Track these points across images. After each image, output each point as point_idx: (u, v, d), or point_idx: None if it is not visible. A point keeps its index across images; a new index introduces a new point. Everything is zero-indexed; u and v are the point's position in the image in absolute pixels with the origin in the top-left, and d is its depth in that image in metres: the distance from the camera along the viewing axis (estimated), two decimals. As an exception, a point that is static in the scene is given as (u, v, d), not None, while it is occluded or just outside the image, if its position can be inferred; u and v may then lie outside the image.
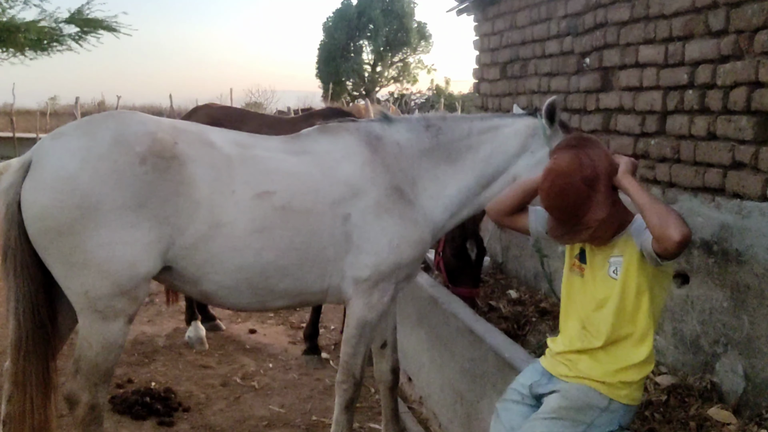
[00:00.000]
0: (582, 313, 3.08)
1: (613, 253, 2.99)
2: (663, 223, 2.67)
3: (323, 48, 48.88)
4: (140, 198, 3.30)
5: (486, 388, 4.14)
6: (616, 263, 2.97)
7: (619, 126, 5.05)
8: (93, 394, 3.49)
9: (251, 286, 3.65)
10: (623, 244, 2.97)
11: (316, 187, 3.70)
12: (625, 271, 2.94)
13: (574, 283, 3.19)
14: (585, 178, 2.91)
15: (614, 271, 2.97)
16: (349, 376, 3.96)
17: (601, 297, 3.02)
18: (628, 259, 2.93)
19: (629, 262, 2.93)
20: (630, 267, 2.93)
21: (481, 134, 4.08)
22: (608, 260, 3.00)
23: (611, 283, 2.98)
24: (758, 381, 3.72)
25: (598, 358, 2.99)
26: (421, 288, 5.47)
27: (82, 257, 3.28)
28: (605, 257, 3.02)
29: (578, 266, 3.15)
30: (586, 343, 3.02)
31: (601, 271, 3.03)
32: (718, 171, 4.06)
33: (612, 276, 2.98)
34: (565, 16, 5.82)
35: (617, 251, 2.98)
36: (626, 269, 2.93)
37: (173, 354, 6.52)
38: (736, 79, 3.90)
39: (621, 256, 2.95)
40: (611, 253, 3.01)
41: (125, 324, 3.48)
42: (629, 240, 2.95)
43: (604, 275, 3.01)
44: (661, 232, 2.67)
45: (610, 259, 2.99)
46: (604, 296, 3.01)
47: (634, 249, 2.92)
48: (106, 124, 3.45)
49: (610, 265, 2.99)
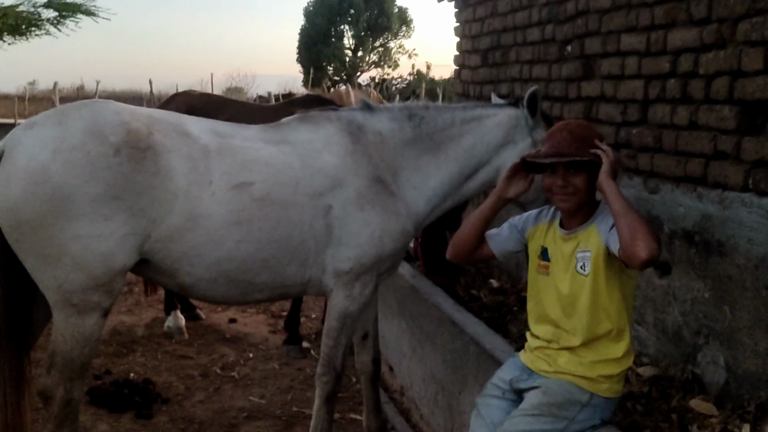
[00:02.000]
0: (553, 314, 3.05)
1: (579, 247, 2.96)
2: (632, 237, 2.63)
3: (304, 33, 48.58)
4: (114, 190, 3.23)
5: (467, 379, 4.11)
6: (584, 258, 2.94)
7: (601, 114, 5.02)
8: (68, 389, 3.42)
9: (230, 279, 3.59)
10: (588, 236, 2.95)
11: (296, 178, 3.64)
12: (594, 266, 2.91)
13: (539, 283, 3.16)
14: (599, 134, 3.03)
15: (582, 266, 2.94)
16: (330, 368, 3.91)
17: (569, 294, 2.99)
18: (596, 253, 2.91)
19: (597, 257, 2.91)
20: (598, 261, 2.90)
21: (463, 124, 4.04)
22: (575, 255, 2.97)
23: (580, 279, 2.95)
24: (739, 372, 3.71)
25: (577, 353, 2.97)
26: (402, 277, 5.44)
27: (55, 250, 3.21)
28: (571, 252, 2.99)
29: (542, 265, 3.12)
30: (564, 342, 3.00)
31: (568, 267, 3.00)
32: (699, 161, 4.03)
33: (580, 272, 2.95)
34: (546, 4, 5.77)
35: (583, 245, 2.94)
36: (595, 264, 2.91)
37: (152, 344, 6.47)
38: (719, 68, 3.87)
39: (589, 250, 2.92)
40: (577, 246, 2.98)
41: (101, 318, 3.41)
42: (594, 232, 2.93)
43: (572, 271, 2.98)
44: (630, 246, 2.63)
45: (577, 254, 2.96)
46: (573, 293, 2.98)
47: (600, 242, 2.89)
48: (80, 113, 3.36)
49: (577, 261, 2.96)
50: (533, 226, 3.23)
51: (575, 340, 2.97)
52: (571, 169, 2.94)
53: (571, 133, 2.99)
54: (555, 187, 2.99)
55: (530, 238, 3.21)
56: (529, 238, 3.22)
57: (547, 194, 3.11)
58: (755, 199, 3.65)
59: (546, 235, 3.15)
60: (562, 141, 2.97)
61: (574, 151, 2.91)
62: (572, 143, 2.93)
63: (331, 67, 48.74)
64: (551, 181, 3.01)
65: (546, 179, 3.05)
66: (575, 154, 2.91)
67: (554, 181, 2.99)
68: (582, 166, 2.93)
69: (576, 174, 2.94)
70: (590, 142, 2.96)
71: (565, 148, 2.94)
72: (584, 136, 2.99)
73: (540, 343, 3.10)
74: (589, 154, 2.91)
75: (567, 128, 3.04)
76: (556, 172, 2.98)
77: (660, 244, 2.71)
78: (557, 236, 3.09)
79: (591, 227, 2.96)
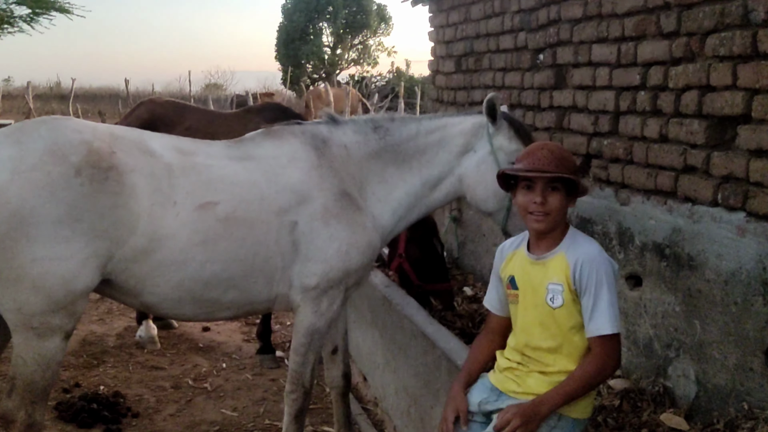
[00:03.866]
0: (521, 342, 3.02)
1: (549, 277, 2.92)
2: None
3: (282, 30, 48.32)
4: (76, 211, 3.16)
5: (439, 394, 4.08)
6: (555, 291, 2.89)
7: (573, 124, 5.01)
8: (29, 413, 3.34)
9: (195, 298, 3.54)
10: (557, 265, 2.90)
11: (261, 196, 3.59)
12: (566, 303, 2.87)
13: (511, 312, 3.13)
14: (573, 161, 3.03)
15: (551, 299, 2.90)
16: (299, 386, 3.87)
17: (537, 324, 2.95)
18: (566, 287, 2.87)
19: (568, 296, 2.87)
20: (568, 300, 2.87)
21: (428, 135, 4.02)
22: (546, 286, 2.92)
23: (548, 311, 2.91)
24: (709, 386, 3.71)
25: (547, 375, 2.94)
26: (374, 288, 5.40)
27: (14, 273, 3.14)
28: (540, 280, 2.95)
29: (511, 294, 3.08)
30: (532, 367, 2.97)
31: (537, 297, 2.95)
32: (670, 174, 4.02)
33: (549, 304, 2.90)
34: (518, 11, 5.74)
35: (554, 275, 2.90)
36: (566, 301, 2.87)
37: (123, 355, 6.39)
38: (688, 82, 3.86)
39: (560, 284, 2.88)
40: (545, 275, 2.93)
41: (62, 340, 3.34)
42: (563, 263, 2.89)
43: (541, 302, 2.93)
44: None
45: (549, 285, 2.91)
46: (540, 323, 2.94)
47: (569, 275, 2.86)
48: (39, 132, 3.29)
49: (548, 292, 2.91)
50: (504, 262, 3.17)
51: (543, 368, 2.94)
52: (549, 188, 2.91)
53: (552, 152, 2.95)
54: (532, 205, 2.91)
55: (502, 271, 3.17)
56: (501, 272, 3.18)
57: (521, 213, 3.03)
58: (724, 214, 3.65)
59: (513, 262, 3.11)
60: (543, 158, 2.92)
61: (554, 168, 2.88)
62: (552, 161, 2.89)
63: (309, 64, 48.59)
64: (527, 199, 2.93)
65: (521, 197, 2.97)
66: (557, 171, 2.87)
67: (531, 199, 2.91)
68: (559, 187, 2.90)
69: (553, 193, 2.90)
70: (568, 164, 2.93)
71: (546, 165, 2.90)
72: (563, 156, 2.95)
73: (510, 364, 3.07)
74: (570, 173, 2.88)
75: (546, 147, 2.99)
76: (533, 190, 2.92)
77: (614, 360, 2.88)
78: (525, 261, 3.04)
79: (560, 255, 2.92)
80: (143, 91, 38.25)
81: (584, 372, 2.83)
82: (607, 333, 2.81)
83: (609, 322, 2.80)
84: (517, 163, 3.02)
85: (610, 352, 2.83)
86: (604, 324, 2.80)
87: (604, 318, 2.80)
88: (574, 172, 2.94)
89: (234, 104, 20.85)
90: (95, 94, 45.54)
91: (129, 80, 31.30)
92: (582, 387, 2.83)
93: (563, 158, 2.94)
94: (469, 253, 6.73)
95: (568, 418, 2.91)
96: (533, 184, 2.92)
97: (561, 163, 2.90)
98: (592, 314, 2.82)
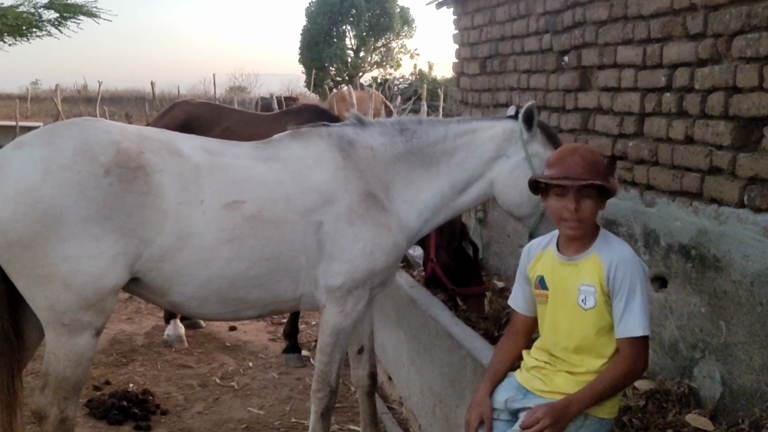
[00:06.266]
0: (549, 342, 3.04)
1: (582, 278, 2.93)
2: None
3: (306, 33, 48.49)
4: (105, 210, 3.24)
5: (465, 393, 4.11)
6: (587, 292, 2.90)
7: (598, 126, 5.02)
8: (62, 408, 3.42)
9: (221, 297, 3.60)
10: (590, 267, 2.91)
11: (287, 196, 3.64)
12: (597, 305, 2.88)
13: (538, 311, 3.15)
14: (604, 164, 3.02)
15: (583, 300, 2.91)
16: (325, 384, 3.91)
17: (566, 324, 2.96)
18: (599, 288, 2.89)
19: (599, 292, 2.89)
20: (600, 296, 2.89)
21: (457, 138, 4.04)
22: (578, 287, 2.93)
23: (579, 312, 2.92)
24: (735, 387, 3.71)
25: (575, 374, 2.95)
26: (400, 287, 5.44)
27: (45, 271, 3.22)
28: (572, 281, 2.95)
29: (540, 294, 3.10)
30: (560, 367, 2.99)
31: (568, 298, 2.96)
32: (695, 176, 4.03)
33: (581, 305, 2.92)
34: (543, 13, 5.76)
35: (587, 276, 2.92)
36: (597, 299, 2.89)
37: (152, 353, 6.48)
38: (714, 84, 3.87)
39: (593, 285, 2.89)
40: (578, 276, 2.95)
41: (93, 337, 3.42)
42: (596, 263, 2.90)
43: (572, 302, 2.94)
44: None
45: (581, 286, 2.92)
46: (569, 324, 2.95)
47: (602, 276, 2.87)
48: (69, 133, 3.37)
49: (579, 293, 2.92)
50: (532, 261, 3.18)
51: (571, 368, 2.96)
52: (581, 195, 2.90)
53: (583, 158, 2.94)
54: (565, 213, 2.91)
55: (530, 271, 3.18)
56: (529, 272, 3.19)
57: (553, 219, 3.03)
58: (750, 216, 3.65)
59: (542, 262, 3.11)
60: (575, 165, 2.91)
61: (587, 176, 2.88)
62: (585, 168, 2.89)
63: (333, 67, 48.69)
64: (560, 205, 2.92)
65: (554, 203, 2.97)
66: (590, 178, 2.88)
67: (564, 206, 2.90)
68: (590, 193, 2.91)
69: (586, 199, 2.90)
70: (599, 168, 2.93)
71: (578, 173, 2.90)
72: (594, 161, 2.95)
73: (537, 363, 3.09)
74: (601, 179, 2.88)
75: (578, 153, 2.98)
76: (566, 197, 2.91)
77: (642, 359, 2.87)
78: (555, 262, 3.04)
79: (593, 256, 2.93)
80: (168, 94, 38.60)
81: (614, 373, 2.85)
82: (638, 335, 2.82)
83: (640, 324, 2.82)
84: (549, 169, 3.00)
85: (640, 354, 2.85)
86: (635, 326, 2.82)
87: (636, 320, 2.82)
88: (604, 175, 2.93)
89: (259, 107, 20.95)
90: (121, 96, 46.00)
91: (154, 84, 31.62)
92: (611, 388, 2.86)
93: (594, 163, 2.94)
94: (494, 253, 6.75)
95: (595, 418, 2.93)
96: (566, 191, 2.91)
97: (593, 169, 2.90)
98: (624, 316, 2.83)
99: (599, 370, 2.90)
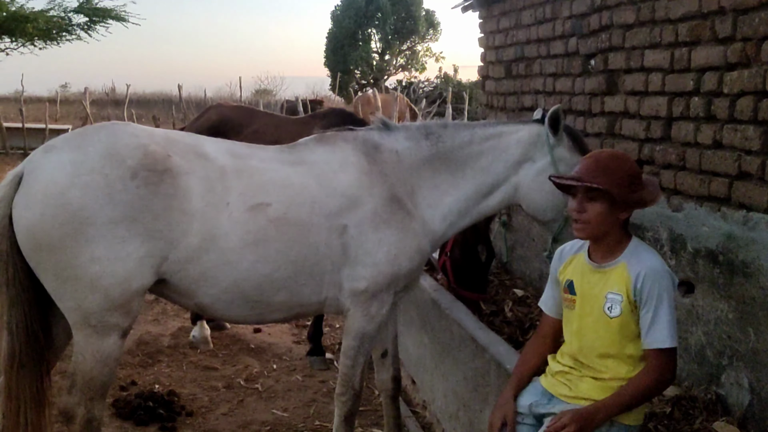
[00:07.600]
0: (574, 348, 3.03)
1: (610, 287, 2.91)
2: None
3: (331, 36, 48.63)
4: (132, 212, 3.28)
5: (488, 398, 4.10)
6: (614, 301, 2.88)
7: (624, 130, 4.99)
8: (89, 408, 3.47)
9: (247, 299, 3.62)
10: (619, 276, 2.89)
11: (312, 199, 3.66)
12: (623, 314, 2.86)
13: (564, 315, 3.14)
14: (634, 169, 2.97)
15: (609, 308, 2.89)
16: (349, 388, 3.92)
17: (591, 330, 2.95)
18: (626, 298, 2.87)
19: (626, 307, 2.86)
20: (626, 311, 2.86)
21: (482, 142, 4.03)
22: (605, 295, 2.91)
23: (604, 319, 2.91)
24: (763, 394, 3.67)
25: (601, 379, 2.94)
26: (423, 291, 5.43)
27: (73, 272, 3.26)
28: (600, 288, 2.94)
29: (568, 298, 3.09)
30: (585, 372, 2.98)
31: (595, 305, 2.94)
32: (723, 181, 3.99)
33: (607, 313, 2.90)
34: (570, 17, 5.74)
35: (615, 285, 2.90)
36: (624, 312, 2.86)
37: (178, 354, 6.52)
38: (743, 88, 3.83)
39: (620, 294, 2.87)
40: (606, 284, 2.93)
41: (120, 338, 3.46)
42: (624, 273, 2.88)
43: (599, 310, 2.93)
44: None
45: (608, 294, 2.90)
46: (595, 330, 2.94)
47: (630, 285, 2.85)
48: (98, 136, 3.42)
49: (606, 301, 2.90)
50: (563, 264, 3.18)
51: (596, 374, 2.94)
52: (587, 197, 2.91)
53: (597, 161, 2.94)
54: (573, 212, 2.96)
55: (560, 274, 3.18)
56: (559, 275, 3.19)
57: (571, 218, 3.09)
58: (779, 221, 3.61)
59: (572, 266, 3.11)
60: (585, 167, 2.93)
61: (590, 179, 2.88)
62: (593, 171, 2.89)
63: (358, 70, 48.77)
64: (570, 206, 3.01)
65: (569, 204, 3.04)
66: (596, 182, 2.87)
67: (572, 206, 2.98)
68: (599, 196, 2.90)
69: (591, 202, 2.90)
70: (616, 174, 2.88)
71: (584, 174, 2.92)
72: (609, 166, 2.91)
73: (561, 368, 3.08)
74: (605, 184, 2.85)
75: (595, 156, 3.00)
76: (576, 198, 2.96)
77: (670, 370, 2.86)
78: (585, 268, 3.04)
79: (621, 265, 2.91)
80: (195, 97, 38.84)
81: (641, 383, 2.83)
82: (666, 347, 2.81)
83: (668, 337, 2.80)
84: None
85: (667, 365, 2.83)
86: (663, 338, 2.80)
87: (664, 332, 2.80)
88: (619, 183, 2.87)
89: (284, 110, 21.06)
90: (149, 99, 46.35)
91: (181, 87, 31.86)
92: (638, 398, 2.84)
93: (607, 168, 2.90)
94: (519, 257, 6.72)
95: (621, 425, 2.91)
96: (577, 192, 2.95)
97: (603, 173, 2.87)
98: (651, 327, 2.81)
99: (625, 377, 2.89)
